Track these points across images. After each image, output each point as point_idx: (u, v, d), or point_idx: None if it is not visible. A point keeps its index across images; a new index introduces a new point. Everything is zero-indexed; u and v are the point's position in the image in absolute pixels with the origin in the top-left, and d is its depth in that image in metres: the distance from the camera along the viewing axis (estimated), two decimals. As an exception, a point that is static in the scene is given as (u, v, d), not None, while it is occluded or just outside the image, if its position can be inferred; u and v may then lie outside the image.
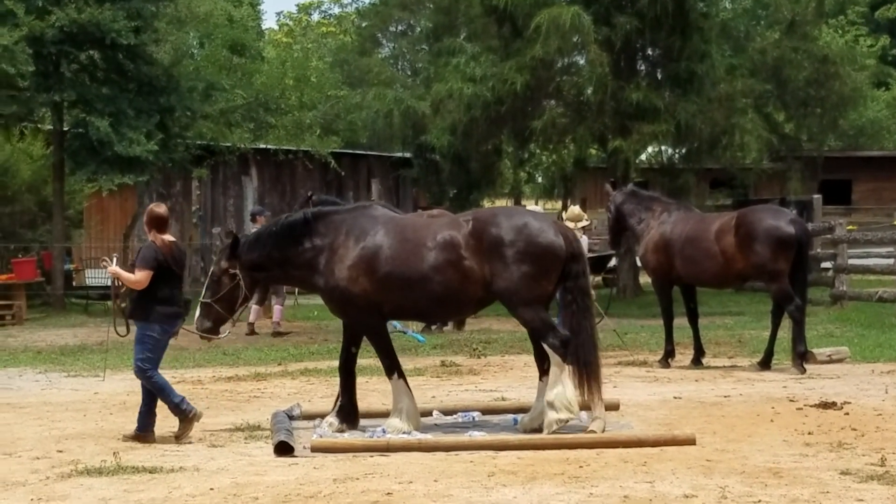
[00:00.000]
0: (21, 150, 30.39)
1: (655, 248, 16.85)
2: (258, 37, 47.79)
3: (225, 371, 16.83)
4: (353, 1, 61.79)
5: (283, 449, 10.25)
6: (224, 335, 12.18)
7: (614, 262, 30.01)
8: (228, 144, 32.02)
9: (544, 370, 11.24)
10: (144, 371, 11.17)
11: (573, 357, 11.01)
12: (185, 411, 11.09)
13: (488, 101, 27.84)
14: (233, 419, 12.08)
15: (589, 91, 28.85)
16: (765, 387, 14.24)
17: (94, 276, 30.16)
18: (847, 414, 11.94)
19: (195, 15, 32.15)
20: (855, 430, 11.02)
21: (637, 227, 17.32)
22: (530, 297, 11.02)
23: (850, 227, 28.17)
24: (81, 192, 30.70)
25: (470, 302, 11.42)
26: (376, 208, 11.79)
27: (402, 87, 37.92)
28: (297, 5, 66.74)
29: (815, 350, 16.56)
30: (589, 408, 11.63)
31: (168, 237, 11.30)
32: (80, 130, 25.98)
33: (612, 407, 12.09)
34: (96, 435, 11.41)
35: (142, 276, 11.07)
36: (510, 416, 11.93)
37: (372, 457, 10.07)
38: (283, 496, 8.60)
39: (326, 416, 11.61)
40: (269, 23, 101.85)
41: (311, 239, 11.46)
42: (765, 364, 16.04)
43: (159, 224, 11.31)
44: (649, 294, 23.93)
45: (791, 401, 12.93)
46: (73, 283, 30.56)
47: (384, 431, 11.07)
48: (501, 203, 53.22)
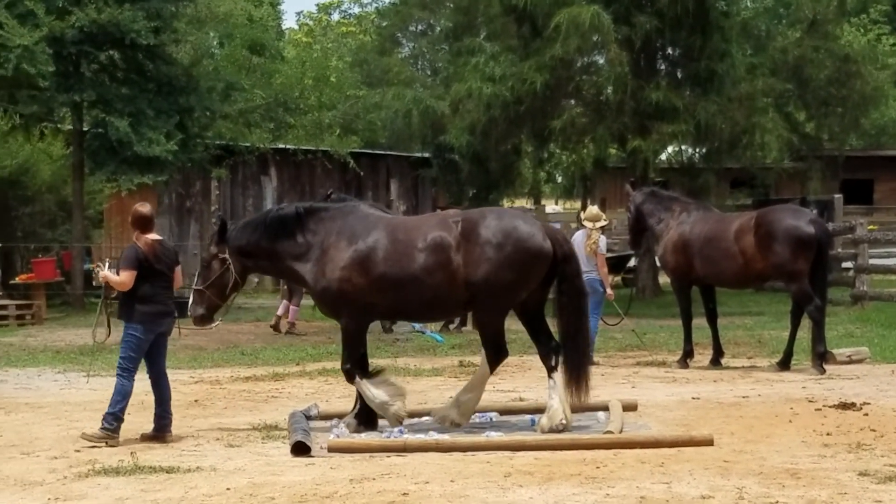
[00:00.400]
0: (41, 150, 30.46)
1: (674, 249, 16.81)
2: (278, 37, 47.85)
3: (243, 371, 16.86)
4: (373, 1, 61.81)
5: (300, 449, 10.26)
6: (216, 323, 12.24)
7: (634, 262, 29.97)
8: (247, 144, 32.07)
9: (552, 366, 11.26)
10: (121, 370, 11.22)
11: (566, 360, 11.16)
12: (112, 427, 10.99)
13: (507, 100, 27.80)
14: (250, 419, 12.09)
15: (608, 90, 28.82)
16: (784, 387, 14.18)
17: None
18: (866, 415, 11.88)
19: (215, 15, 32.19)
20: (874, 431, 10.96)
21: (656, 227, 17.29)
22: (503, 303, 11.21)
23: (871, 226, 28.07)
24: (101, 192, 30.75)
25: (459, 303, 11.52)
26: (366, 208, 11.83)
27: (421, 86, 37.89)
28: (317, 5, 66.78)
29: (834, 350, 16.51)
30: (607, 408, 11.70)
31: (151, 236, 11.33)
32: (100, 130, 26.04)
33: (631, 407, 12.10)
34: (114, 434, 11.42)
35: (125, 276, 11.15)
36: (528, 417, 11.91)
37: (389, 457, 10.07)
38: (300, 496, 8.60)
39: (345, 417, 11.63)
40: (290, 23, 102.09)
41: (302, 234, 11.58)
42: (784, 364, 15.97)
43: (142, 224, 11.36)
44: (669, 294, 23.87)
45: (810, 401, 12.87)
46: (93, 283, 30.57)
47: (401, 432, 11.08)
48: (521, 203, 53.28)
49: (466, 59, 30.18)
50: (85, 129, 27.50)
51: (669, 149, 33.75)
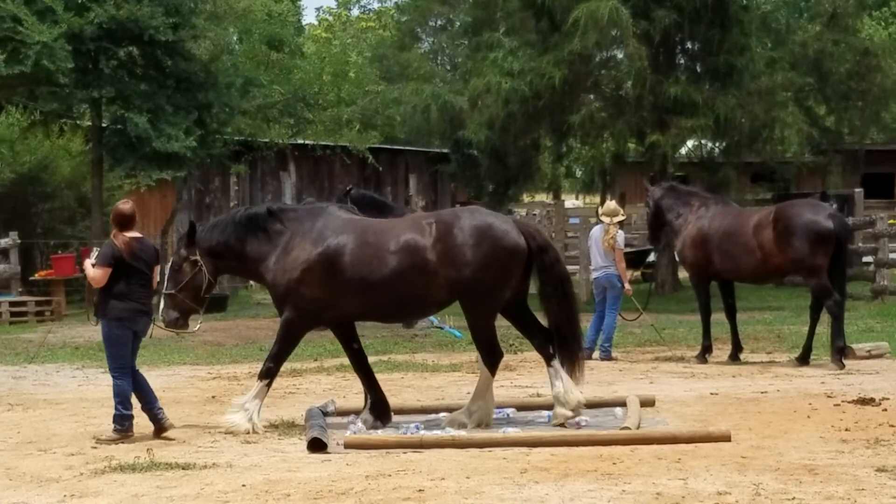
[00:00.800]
0: (60, 147, 30.58)
1: (693, 243, 16.77)
2: (297, 32, 47.83)
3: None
4: (392, -4, 61.75)
5: (317, 445, 10.26)
6: (196, 328, 12.25)
7: (653, 257, 29.91)
8: (266, 140, 32.07)
9: (550, 355, 11.28)
10: (114, 371, 11.32)
11: (559, 349, 11.21)
12: (123, 427, 11.13)
13: (526, 95, 27.73)
14: (267, 415, 12.07)
15: (627, 85, 28.74)
16: (802, 383, 14.13)
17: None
18: (885, 410, 11.83)
19: (234, 10, 32.13)
20: (893, 426, 10.91)
21: (675, 222, 17.25)
22: (490, 304, 11.18)
23: (891, 221, 27.95)
24: (120, 188, 30.80)
25: (432, 304, 11.55)
26: (337, 210, 11.79)
27: (440, 82, 37.82)
28: (337, 1, 66.80)
29: (854, 345, 16.46)
30: (624, 404, 11.69)
31: (130, 234, 11.34)
32: (119, 127, 26.10)
33: (648, 403, 12.08)
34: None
35: (98, 273, 11.20)
36: (545, 413, 11.88)
37: (405, 453, 10.07)
38: (315, 492, 8.60)
39: (360, 413, 11.63)
40: (309, 18, 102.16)
41: (269, 234, 11.56)
42: (803, 360, 15.92)
43: (121, 222, 11.40)
44: (688, 289, 23.81)
45: (829, 397, 12.83)
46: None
47: (417, 428, 11.08)
48: (541, 198, 53.22)
49: (485, 54, 30.11)
50: (104, 125, 27.57)
51: (689, 143, 33.60)
